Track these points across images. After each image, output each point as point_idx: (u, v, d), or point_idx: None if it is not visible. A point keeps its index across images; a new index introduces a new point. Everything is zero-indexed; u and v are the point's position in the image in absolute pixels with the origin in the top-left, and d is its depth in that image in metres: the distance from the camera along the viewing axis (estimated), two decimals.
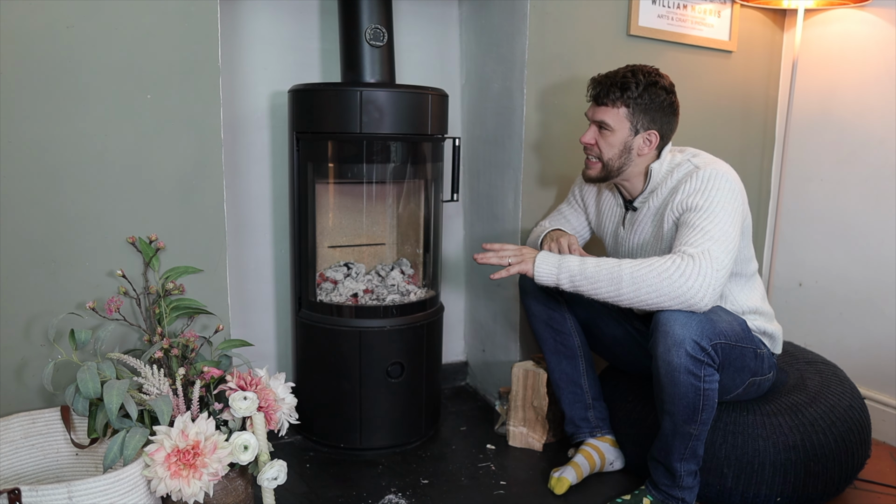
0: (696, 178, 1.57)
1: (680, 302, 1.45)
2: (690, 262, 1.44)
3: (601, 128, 1.66)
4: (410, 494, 1.72)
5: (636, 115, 1.63)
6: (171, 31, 1.51)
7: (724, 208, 1.52)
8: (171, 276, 1.57)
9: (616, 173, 1.69)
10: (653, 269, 1.45)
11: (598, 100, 1.65)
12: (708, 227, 1.49)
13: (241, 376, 1.45)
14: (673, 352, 1.45)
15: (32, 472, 1.47)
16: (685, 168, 1.63)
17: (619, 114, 1.63)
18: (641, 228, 1.71)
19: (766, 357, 1.66)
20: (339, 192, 2.07)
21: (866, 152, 2.21)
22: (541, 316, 1.84)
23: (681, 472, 1.57)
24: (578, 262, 1.54)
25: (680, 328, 1.44)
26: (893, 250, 2.14)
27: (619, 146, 1.65)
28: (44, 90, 1.42)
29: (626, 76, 1.62)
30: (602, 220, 1.86)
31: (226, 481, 1.42)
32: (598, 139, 1.68)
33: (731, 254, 1.48)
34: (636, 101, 1.62)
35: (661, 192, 1.66)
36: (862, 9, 2.20)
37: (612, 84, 1.63)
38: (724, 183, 1.55)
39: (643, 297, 1.46)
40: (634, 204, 1.73)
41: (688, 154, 1.67)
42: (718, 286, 1.45)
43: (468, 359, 2.48)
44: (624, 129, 1.64)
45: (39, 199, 1.45)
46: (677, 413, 1.51)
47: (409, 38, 2.20)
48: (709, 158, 1.64)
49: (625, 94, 1.61)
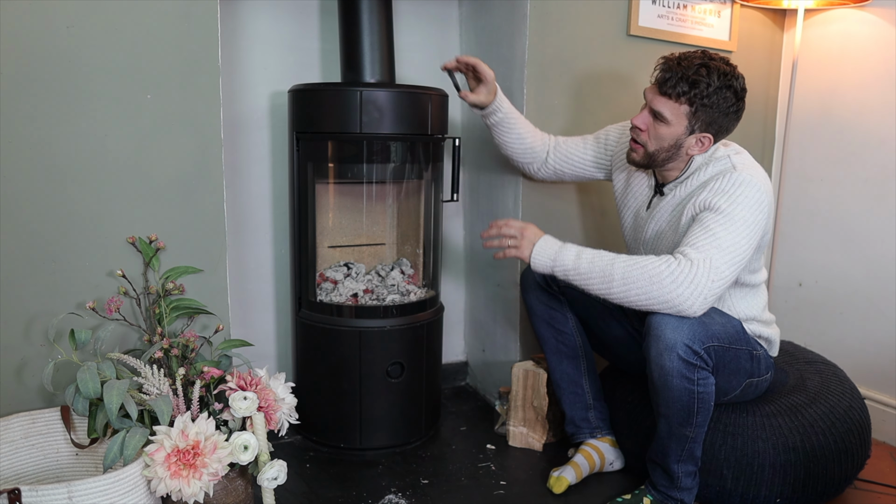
0: (728, 178, 1.50)
1: (668, 307, 1.42)
2: (687, 267, 1.40)
3: (655, 117, 1.54)
4: (410, 494, 1.72)
5: (697, 115, 1.51)
6: (171, 31, 1.51)
7: (745, 219, 1.45)
8: (171, 276, 1.57)
9: (659, 164, 1.60)
10: (645, 272, 1.42)
11: (662, 88, 1.51)
12: (721, 232, 1.43)
13: (241, 376, 1.45)
14: (665, 356, 1.43)
15: (32, 472, 1.47)
16: (722, 164, 1.55)
17: (680, 110, 1.51)
18: (660, 216, 1.65)
19: (763, 358, 1.65)
20: (339, 192, 2.07)
21: (866, 152, 2.21)
22: (542, 315, 1.84)
23: (678, 474, 1.57)
24: (574, 256, 1.50)
25: (671, 332, 1.42)
26: (893, 250, 2.14)
27: (669, 141, 1.54)
28: (44, 90, 1.42)
29: (700, 72, 1.48)
30: (628, 196, 1.78)
31: (226, 481, 1.42)
32: (649, 126, 1.56)
33: (734, 266, 1.43)
34: (702, 101, 1.49)
35: (691, 182, 1.59)
36: (862, 9, 2.20)
37: (682, 77, 1.48)
38: (755, 193, 1.47)
39: (632, 298, 1.44)
40: (664, 189, 1.66)
41: (730, 149, 1.59)
42: (711, 297, 1.41)
43: (468, 359, 2.48)
44: (680, 126, 1.52)
45: (39, 199, 1.45)
46: (672, 416, 1.50)
47: (409, 38, 2.20)
48: (749, 161, 1.57)
49: (693, 91, 1.48)
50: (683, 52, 1.54)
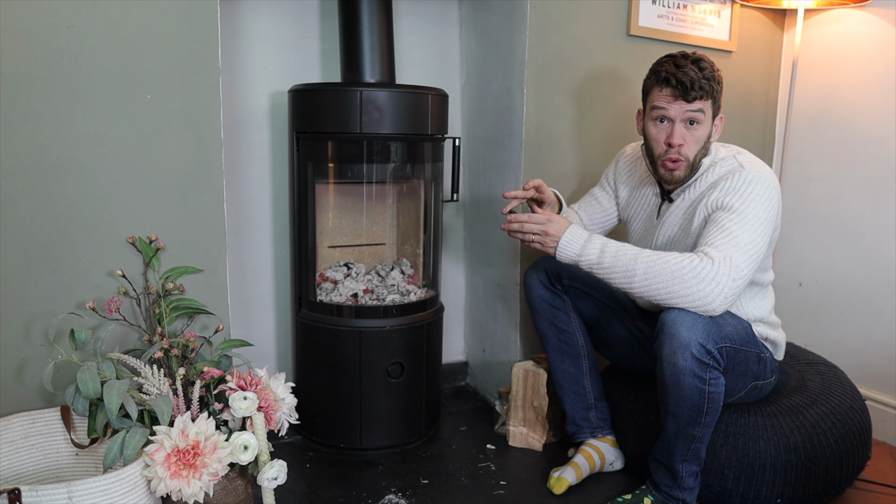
0: (738, 177, 1.52)
1: (690, 303, 1.43)
2: (709, 265, 1.41)
3: (690, 123, 1.57)
4: (410, 494, 1.72)
5: (715, 104, 1.58)
6: (171, 31, 1.51)
7: (758, 216, 1.47)
8: (171, 276, 1.57)
9: (696, 167, 1.61)
10: (668, 267, 1.43)
11: (689, 95, 1.53)
12: (737, 231, 1.45)
13: (241, 376, 1.45)
14: (679, 354, 1.43)
15: (32, 472, 1.47)
16: (729, 164, 1.58)
17: (707, 105, 1.56)
18: (671, 221, 1.67)
19: (769, 361, 1.66)
20: (339, 192, 2.07)
21: (866, 152, 2.21)
22: (545, 314, 1.84)
23: (682, 473, 1.57)
24: (599, 252, 1.51)
25: (686, 331, 1.43)
26: (893, 250, 2.14)
27: (705, 139, 1.59)
28: (44, 90, 1.42)
29: (703, 66, 1.54)
30: (632, 208, 1.81)
31: (226, 481, 1.42)
32: (686, 138, 1.57)
33: (753, 263, 1.45)
34: (716, 91, 1.56)
35: (699, 185, 1.61)
36: (862, 9, 2.20)
37: (697, 78, 1.53)
38: (765, 189, 1.50)
39: (653, 293, 1.45)
40: (672, 196, 1.67)
41: (732, 150, 1.63)
42: (733, 295, 1.42)
43: (468, 359, 2.48)
44: (708, 120, 1.58)
45: (39, 199, 1.45)
46: (681, 415, 1.50)
47: (409, 38, 2.20)
48: (754, 159, 1.59)
49: (711, 85, 1.54)
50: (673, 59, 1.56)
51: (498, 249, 2.18)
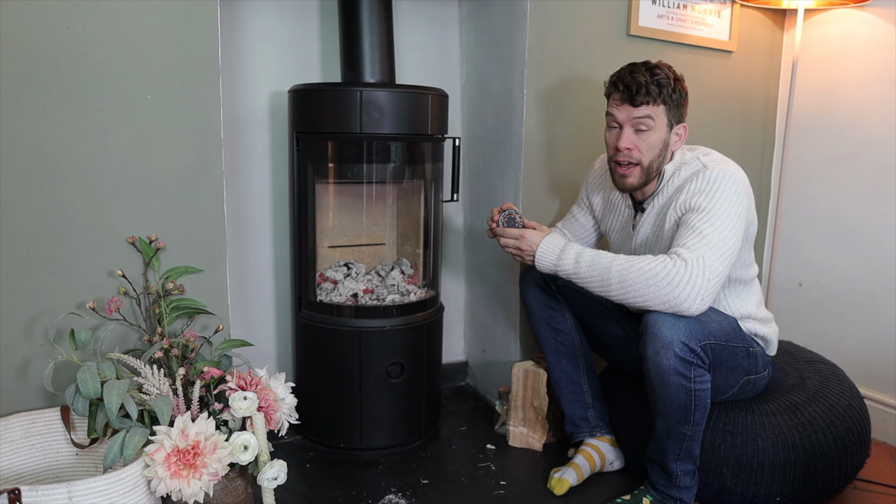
0: (702, 177, 1.54)
1: (669, 308, 1.44)
2: (682, 267, 1.41)
3: (638, 129, 1.58)
4: (410, 494, 1.72)
5: (671, 110, 1.58)
6: (171, 31, 1.51)
7: (727, 212, 1.48)
8: (171, 276, 1.57)
9: (654, 175, 1.63)
10: (641, 274, 1.44)
11: (636, 99, 1.56)
12: (707, 230, 1.46)
13: (241, 376, 1.45)
14: (661, 354, 1.44)
15: (32, 472, 1.47)
16: (693, 166, 1.60)
17: (659, 111, 1.57)
18: (644, 229, 1.69)
19: (760, 355, 1.66)
20: (339, 192, 2.07)
21: (866, 152, 2.21)
22: (541, 315, 1.84)
23: (677, 473, 1.57)
24: (573, 261, 1.54)
25: (668, 330, 1.43)
26: (893, 250, 2.14)
27: (658, 145, 1.59)
28: (44, 90, 1.42)
29: (656, 73, 1.56)
30: (608, 220, 1.84)
31: (226, 481, 1.42)
32: (635, 142, 1.59)
33: (727, 261, 1.45)
34: (670, 96, 1.57)
35: (666, 191, 1.63)
36: (862, 9, 2.20)
37: (646, 82, 1.55)
38: (731, 185, 1.51)
39: (631, 299, 1.47)
40: (644, 205, 1.69)
41: (698, 152, 1.64)
42: (709, 295, 1.43)
43: (468, 359, 2.48)
44: (663, 126, 1.58)
45: (39, 199, 1.45)
46: (669, 414, 1.51)
47: (409, 38, 2.20)
48: (718, 158, 1.61)
49: (661, 90, 1.55)
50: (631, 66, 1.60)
51: (498, 250, 2.18)
